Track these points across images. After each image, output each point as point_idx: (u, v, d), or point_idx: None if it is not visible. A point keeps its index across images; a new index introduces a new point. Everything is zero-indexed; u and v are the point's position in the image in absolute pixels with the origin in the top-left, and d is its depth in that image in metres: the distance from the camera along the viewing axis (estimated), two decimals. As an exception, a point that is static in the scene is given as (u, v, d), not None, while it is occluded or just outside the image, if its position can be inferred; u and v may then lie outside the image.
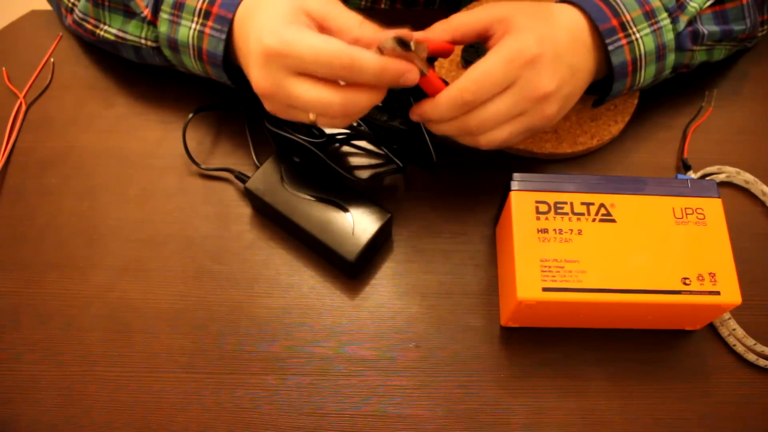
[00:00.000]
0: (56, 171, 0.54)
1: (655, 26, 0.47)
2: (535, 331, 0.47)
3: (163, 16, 0.49)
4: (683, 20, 0.48)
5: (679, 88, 0.57)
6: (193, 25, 0.47)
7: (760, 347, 0.46)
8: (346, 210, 0.47)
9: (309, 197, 0.48)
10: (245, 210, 0.52)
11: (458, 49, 0.57)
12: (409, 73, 0.41)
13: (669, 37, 0.48)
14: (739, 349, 0.46)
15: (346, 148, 0.54)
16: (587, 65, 0.46)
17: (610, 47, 0.46)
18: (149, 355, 0.46)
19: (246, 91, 0.49)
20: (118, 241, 0.51)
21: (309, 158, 0.50)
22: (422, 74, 0.42)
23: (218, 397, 0.45)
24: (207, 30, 0.47)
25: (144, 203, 0.52)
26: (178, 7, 0.48)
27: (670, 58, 0.49)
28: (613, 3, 0.46)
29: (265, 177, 0.49)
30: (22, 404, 0.45)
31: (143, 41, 0.52)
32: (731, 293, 0.41)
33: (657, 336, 0.47)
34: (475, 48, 0.56)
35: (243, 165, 0.53)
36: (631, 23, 0.46)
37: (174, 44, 0.49)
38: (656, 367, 0.46)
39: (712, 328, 0.47)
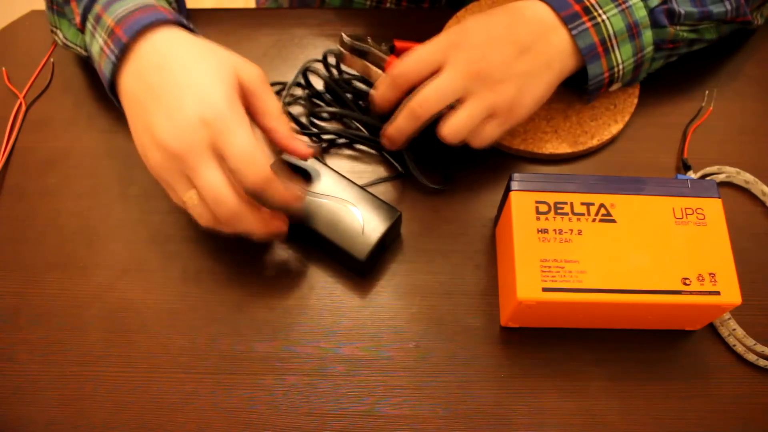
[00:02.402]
0: (56, 171, 0.54)
1: (623, 5, 0.48)
2: (535, 331, 0.47)
3: (88, 26, 0.48)
4: None
5: (679, 88, 0.57)
6: (101, 41, 0.46)
7: (760, 347, 0.46)
8: (355, 209, 0.47)
9: (317, 196, 0.48)
10: (245, 210, 0.52)
11: None
12: (282, 226, 0.45)
13: (641, 14, 0.49)
14: (739, 349, 0.46)
15: (347, 152, 0.54)
16: (551, 43, 0.47)
17: (574, 32, 0.47)
18: (147, 355, 0.46)
19: None
20: (118, 241, 0.51)
21: (312, 159, 0.50)
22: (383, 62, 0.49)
23: (216, 397, 0.45)
24: (105, 48, 0.45)
25: (144, 203, 0.52)
26: (97, 20, 0.47)
27: (647, 35, 0.49)
28: None
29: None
30: (20, 404, 0.45)
31: (79, 49, 0.52)
32: (731, 293, 0.41)
33: (657, 336, 0.47)
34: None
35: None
36: (596, 6, 0.48)
37: (91, 56, 0.49)
38: (656, 367, 0.46)
39: (712, 328, 0.47)
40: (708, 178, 0.51)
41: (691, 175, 0.53)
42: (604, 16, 0.48)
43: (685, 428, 0.44)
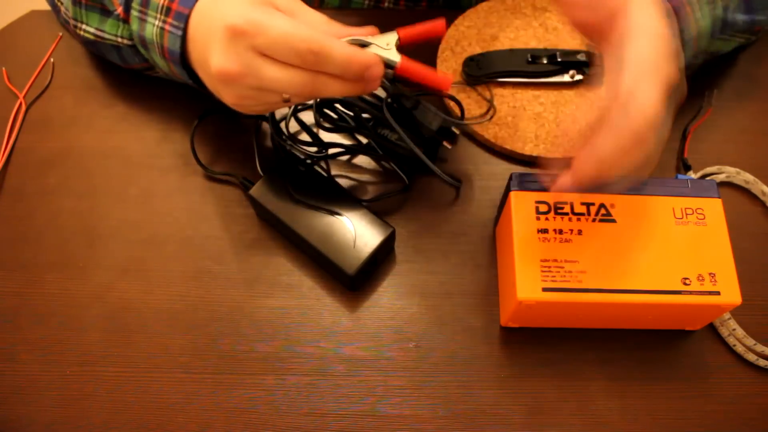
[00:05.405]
0: (56, 171, 0.54)
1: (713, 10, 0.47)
2: (535, 331, 0.47)
3: (134, 13, 0.49)
4: (720, 5, 0.48)
5: (679, 88, 0.57)
6: (156, 22, 0.47)
7: (760, 347, 0.46)
8: (348, 222, 0.47)
9: (312, 207, 0.48)
10: (245, 211, 0.52)
11: (459, 62, 0.56)
12: (374, 66, 0.40)
13: (706, 23, 0.47)
14: (739, 349, 0.46)
15: (351, 163, 0.54)
16: None
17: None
18: (148, 355, 0.46)
19: (209, 92, 0.48)
20: (118, 241, 0.51)
21: (314, 169, 0.50)
22: (394, 65, 0.43)
23: (217, 397, 0.45)
24: (167, 27, 0.46)
25: (144, 203, 0.52)
26: (144, 4, 0.48)
27: (701, 43, 0.49)
28: None
29: (269, 185, 0.49)
30: (20, 404, 0.45)
31: (119, 40, 0.52)
32: (731, 293, 0.41)
33: (657, 336, 0.47)
34: (475, 62, 0.55)
35: (246, 170, 0.53)
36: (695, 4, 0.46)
37: (144, 42, 0.49)
38: (656, 367, 0.46)
39: (712, 328, 0.47)
40: (708, 178, 0.51)
41: (691, 175, 0.53)
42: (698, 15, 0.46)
43: (685, 428, 0.44)
